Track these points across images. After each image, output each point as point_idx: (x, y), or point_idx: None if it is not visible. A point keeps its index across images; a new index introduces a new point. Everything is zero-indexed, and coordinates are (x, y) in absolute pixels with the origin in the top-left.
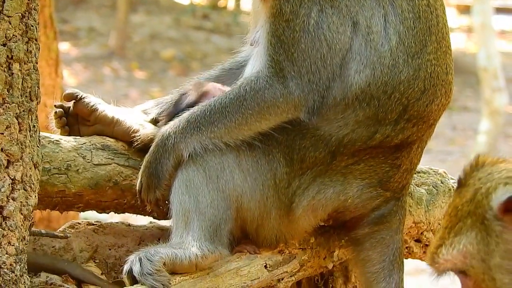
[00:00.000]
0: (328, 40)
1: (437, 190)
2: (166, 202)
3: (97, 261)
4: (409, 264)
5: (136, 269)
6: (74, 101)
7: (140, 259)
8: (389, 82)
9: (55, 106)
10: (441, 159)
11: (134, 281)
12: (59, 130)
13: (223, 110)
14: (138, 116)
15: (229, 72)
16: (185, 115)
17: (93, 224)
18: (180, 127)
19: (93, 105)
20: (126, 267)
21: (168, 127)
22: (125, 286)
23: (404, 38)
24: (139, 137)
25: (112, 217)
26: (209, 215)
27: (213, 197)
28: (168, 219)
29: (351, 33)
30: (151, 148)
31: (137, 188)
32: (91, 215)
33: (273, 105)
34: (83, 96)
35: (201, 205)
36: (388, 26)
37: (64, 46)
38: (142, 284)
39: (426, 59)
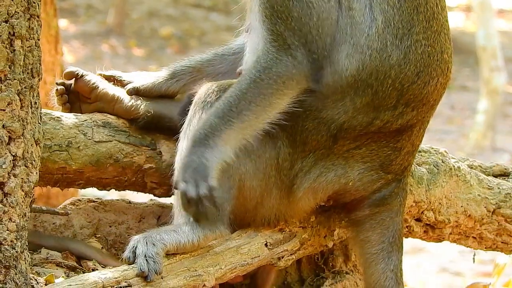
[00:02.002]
0: (316, 8)
1: (438, 169)
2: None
3: (99, 235)
4: (408, 243)
5: (140, 249)
6: (74, 79)
7: (146, 242)
8: (379, 68)
9: (56, 83)
10: (439, 138)
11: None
12: (60, 107)
13: (245, 97)
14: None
15: (222, 57)
16: (212, 111)
17: (94, 201)
18: (213, 125)
19: (94, 83)
20: (132, 244)
21: (200, 128)
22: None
23: (390, 19)
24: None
25: (109, 194)
26: None
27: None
28: (169, 196)
29: (335, 2)
30: (188, 150)
31: (182, 191)
32: (90, 192)
33: (289, 78)
34: (83, 74)
35: None
36: (373, 6)
37: (63, 23)
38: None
39: (415, 40)
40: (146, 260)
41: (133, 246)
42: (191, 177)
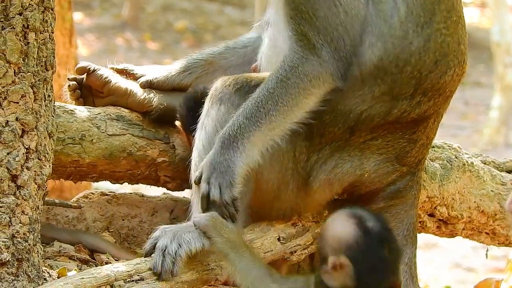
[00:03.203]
0: (344, 6)
1: (451, 164)
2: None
3: (112, 230)
4: (421, 238)
5: (162, 242)
6: (86, 74)
7: (172, 238)
8: (400, 55)
9: (68, 79)
10: (453, 134)
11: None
12: (73, 102)
13: (272, 97)
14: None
15: (233, 50)
16: (240, 111)
17: (107, 195)
18: (242, 126)
19: (106, 77)
20: (156, 234)
21: (228, 129)
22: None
23: (413, 8)
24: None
25: (122, 188)
26: None
27: None
28: (182, 190)
29: None
30: (215, 151)
31: (211, 196)
32: (103, 185)
33: (315, 77)
34: (95, 69)
35: None
36: None
37: (77, 16)
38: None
39: (435, 29)
40: (164, 258)
41: (157, 238)
42: (216, 181)
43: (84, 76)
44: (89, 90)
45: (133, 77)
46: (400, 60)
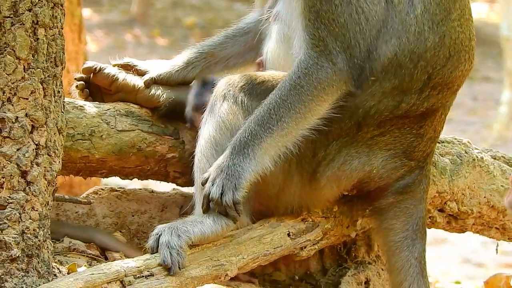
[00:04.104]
0: (366, 13)
1: (461, 160)
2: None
3: (124, 231)
4: (430, 233)
5: (164, 238)
6: (93, 73)
7: (171, 232)
8: (415, 50)
9: (75, 79)
10: (462, 129)
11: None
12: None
13: (285, 104)
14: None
15: (233, 39)
16: (252, 117)
17: (117, 191)
18: (253, 132)
19: (114, 75)
20: (157, 231)
21: (239, 135)
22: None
23: (429, 6)
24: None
25: (132, 183)
26: None
27: None
28: (191, 186)
29: (385, 3)
30: (225, 156)
31: (211, 195)
32: (113, 181)
33: (329, 85)
34: (101, 68)
35: None
36: None
37: (86, 13)
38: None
39: (450, 26)
40: (170, 252)
41: (157, 235)
42: (221, 182)
43: (91, 75)
44: (97, 88)
45: (137, 72)
46: (415, 55)
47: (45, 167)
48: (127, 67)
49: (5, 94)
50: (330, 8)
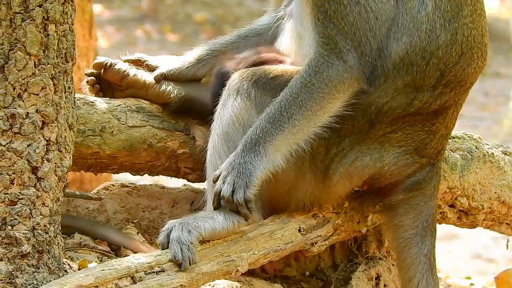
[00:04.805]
0: (375, 11)
1: (471, 155)
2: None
3: (135, 220)
4: (441, 229)
5: (175, 234)
6: (103, 69)
7: (182, 228)
8: (427, 47)
9: (86, 74)
10: (472, 125)
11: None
12: (93, 96)
13: (296, 102)
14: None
15: (246, 39)
16: (263, 115)
17: (127, 186)
18: (264, 130)
19: (124, 71)
20: (167, 227)
21: (251, 133)
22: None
23: (440, 3)
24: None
25: (143, 179)
26: None
27: None
28: (202, 181)
29: (395, 1)
30: (237, 153)
31: (222, 192)
32: (123, 177)
33: (340, 82)
34: (112, 63)
35: None
36: None
37: (97, 9)
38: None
39: (462, 23)
40: (181, 247)
41: (168, 230)
42: (232, 179)
43: (102, 71)
44: (108, 84)
45: (147, 67)
46: (427, 53)
47: (55, 163)
48: (137, 63)
49: (15, 90)
50: (339, 8)
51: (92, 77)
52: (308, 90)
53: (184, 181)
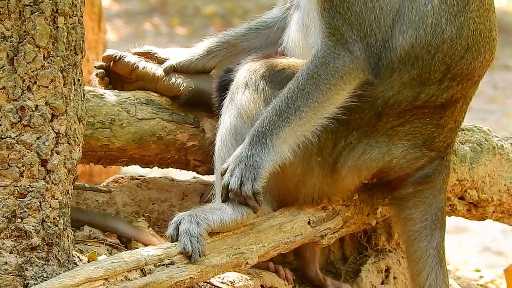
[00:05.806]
0: (380, 1)
1: (481, 147)
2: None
3: (147, 214)
4: (450, 222)
5: (183, 226)
6: (113, 61)
7: (190, 220)
8: (432, 41)
9: (95, 67)
10: (481, 118)
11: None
12: (103, 89)
13: (303, 93)
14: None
15: (256, 31)
16: (270, 107)
17: (137, 179)
18: (271, 122)
19: (134, 63)
20: (176, 219)
21: (257, 125)
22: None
23: None
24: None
25: (152, 172)
26: None
27: None
28: (212, 174)
29: None
30: (244, 146)
31: (230, 185)
32: (133, 170)
33: (346, 73)
34: (122, 56)
35: None
36: None
37: (105, 2)
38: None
39: (468, 17)
40: (190, 239)
41: (177, 223)
42: (239, 172)
43: (111, 63)
44: (118, 76)
45: (157, 60)
46: (432, 47)
47: (65, 155)
48: (147, 55)
49: (25, 83)
50: None
51: (102, 70)
52: (314, 82)
53: (194, 174)
